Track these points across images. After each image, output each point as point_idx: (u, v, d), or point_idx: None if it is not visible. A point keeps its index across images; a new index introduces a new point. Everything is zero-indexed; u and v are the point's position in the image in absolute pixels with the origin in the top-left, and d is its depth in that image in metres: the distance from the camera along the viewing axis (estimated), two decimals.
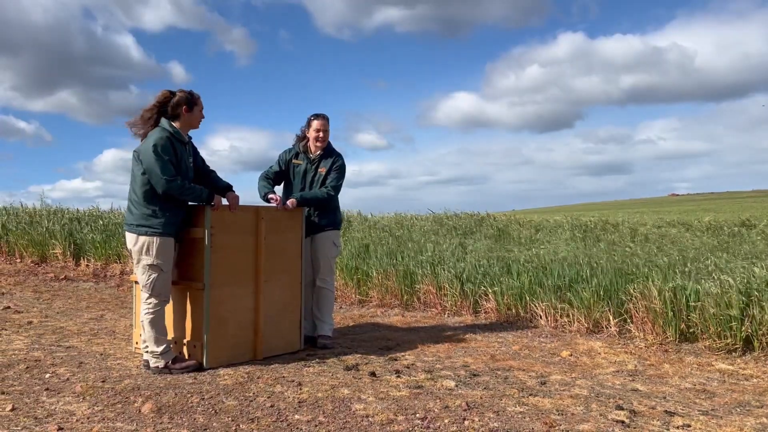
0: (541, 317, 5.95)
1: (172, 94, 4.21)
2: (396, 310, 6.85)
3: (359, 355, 4.68)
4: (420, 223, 11.91)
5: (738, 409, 3.54)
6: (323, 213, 5.07)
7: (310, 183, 5.05)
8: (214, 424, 3.19)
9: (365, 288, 7.32)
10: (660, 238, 9.66)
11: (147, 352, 4.20)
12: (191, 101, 4.22)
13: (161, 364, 4.13)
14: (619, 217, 15.47)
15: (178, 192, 4.09)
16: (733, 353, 4.77)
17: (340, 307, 7.08)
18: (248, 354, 4.48)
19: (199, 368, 4.20)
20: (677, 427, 3.20)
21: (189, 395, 3.63)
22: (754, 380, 4.16)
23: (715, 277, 5.37)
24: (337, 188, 5.04)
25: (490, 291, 6.40)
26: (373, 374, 4.12)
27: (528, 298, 6.12)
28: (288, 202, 4.79)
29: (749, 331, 4.80)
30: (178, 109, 4.18)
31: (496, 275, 6.62)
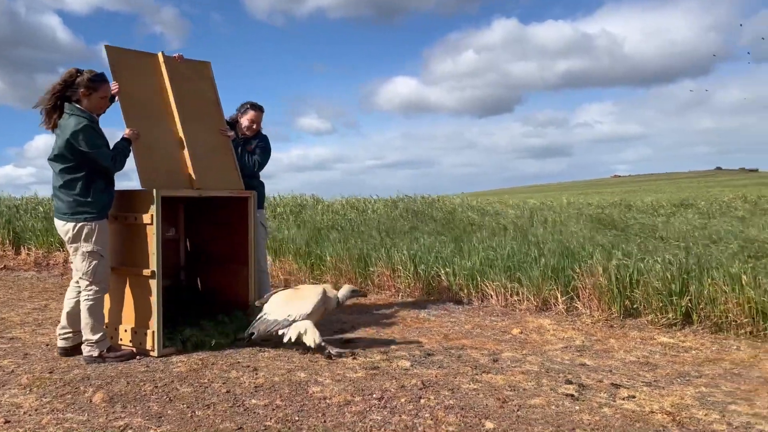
0: (492, 296, 6.07)
1: (79, 73, 4.00)
2: None
3: None
4: (372, 206, 11.94)
5: (679, 380, 3.72)
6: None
7: (239, 159, 5.09)
8: (169, 411, 3.15)
9: (319, 272, 7.32)
10: (604, 218, 9.97)
11: (63, 339, 4.18)
12: (91, 86, 3.99)
13: (96, 352, 4.04)
14: (562, 199, 15.87)
15: (121, 165, 4.11)
16: (674, 327, 4.99)
17: None
18: (185, 183, 4.49)
19: (132, 356, 4.14)
20: (623, 399, 3.34)
21: (142, 383, 3.57)
22: (693, 352, 4.37)
23: (657, 254, 5.60)
24: (258, 164, 5.15)
25: (442, 272, 6.48)
26: (329, 356, 4.14)
27: (479, 279, 6.24)
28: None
29: (689, 305, 5.03)
30: (77, 93, 3.98)
31: (449, 257, 6.71)
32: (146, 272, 4.15)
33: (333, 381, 3.63)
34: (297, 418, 3.05)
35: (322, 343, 4.17)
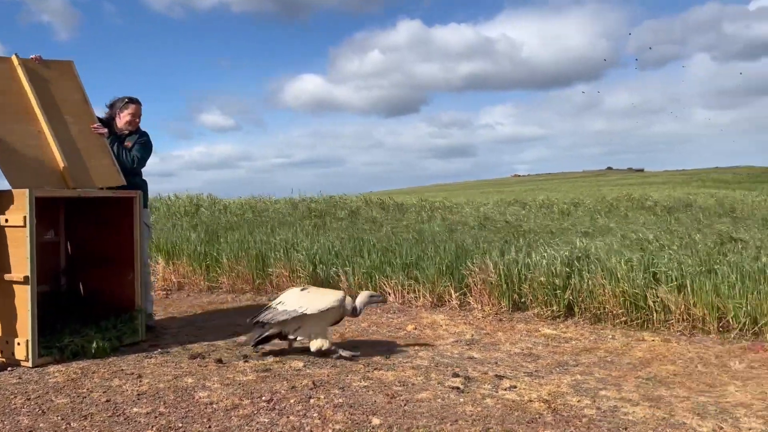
0: (389, 294, 6.16)
1: None
2: (248, 295, 6.74)
3: (206, 343, 4.57)
4: (274, 206, 11.78)
5: (558, 369, 3.94)
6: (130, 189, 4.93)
7: (116, 156, 4.90)
8: (41, 424, 2.97)
9: (215, 274, 7.13)
10: (498, 216, 10.38)
11: None
12: None
13: None
14: (462, 198, 16.36)
15: None
16: (557, 319, 5.27)
17: (188, 295, 6.84)
18: (59, 181, 4.29)
19: (2, 368, 3.87)
20: (505, 389, 3.49)
21: (12, 396, 3.34)
22: (573, 342, 4.63)
23: (543, 251, 5.89)
24: (138, 160, 4.98)
25: (341, 271, 6.50)
26: (219, 361, 4.04)
27: (378, 277, 6.30)
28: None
29: (571, 298, 5.33)
30: None
31: (349, 256, 6.74)
32: (16, 277, 3.88)
33: (222, 385, 3.55)
34: (180, 425, 2.96)
35: (332, 347, 4.13)
